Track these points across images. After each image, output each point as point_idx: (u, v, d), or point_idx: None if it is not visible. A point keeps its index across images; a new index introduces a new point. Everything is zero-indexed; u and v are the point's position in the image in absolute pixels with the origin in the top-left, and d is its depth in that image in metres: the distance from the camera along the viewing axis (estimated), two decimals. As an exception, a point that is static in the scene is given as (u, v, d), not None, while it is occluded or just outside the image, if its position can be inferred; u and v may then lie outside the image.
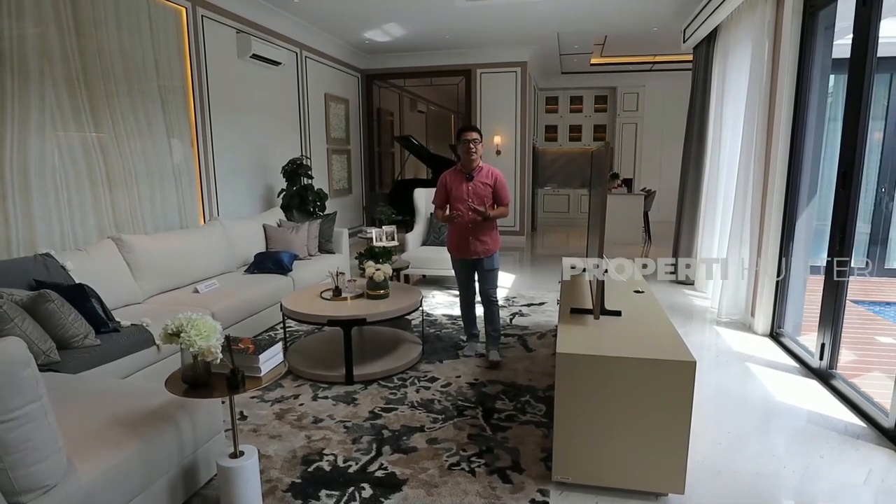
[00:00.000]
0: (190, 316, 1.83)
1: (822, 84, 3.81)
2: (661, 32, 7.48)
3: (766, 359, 3.67)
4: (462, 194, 3.52)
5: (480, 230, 3.54)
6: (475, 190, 3.52)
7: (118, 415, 2.00)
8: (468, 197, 3.50)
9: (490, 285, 3.66)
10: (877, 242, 5.94)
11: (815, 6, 3.71)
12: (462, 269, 3.71)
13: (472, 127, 3.56)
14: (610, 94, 11.21)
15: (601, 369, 2.12)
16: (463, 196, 3.51)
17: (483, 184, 3.53)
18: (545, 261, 7.30)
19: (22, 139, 3.42)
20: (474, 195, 3.50)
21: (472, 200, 3.48)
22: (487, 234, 3.57)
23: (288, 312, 3.39)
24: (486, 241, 3.56)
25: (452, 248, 3.68)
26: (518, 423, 2.79)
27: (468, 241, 3.56)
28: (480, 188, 3.52)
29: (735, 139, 4.67)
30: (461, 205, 3.50)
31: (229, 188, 5.49)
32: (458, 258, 3.67)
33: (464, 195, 3.51)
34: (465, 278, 3.73)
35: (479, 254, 3.57)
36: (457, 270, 3.76)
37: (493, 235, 3.61)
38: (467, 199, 3.49)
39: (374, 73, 8.91)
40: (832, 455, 2.48)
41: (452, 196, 3.56)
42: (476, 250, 3.56)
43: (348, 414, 2.89)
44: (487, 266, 3.61)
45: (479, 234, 3.54)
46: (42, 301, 2.58)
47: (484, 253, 3.57)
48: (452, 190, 3.56)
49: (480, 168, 3.56)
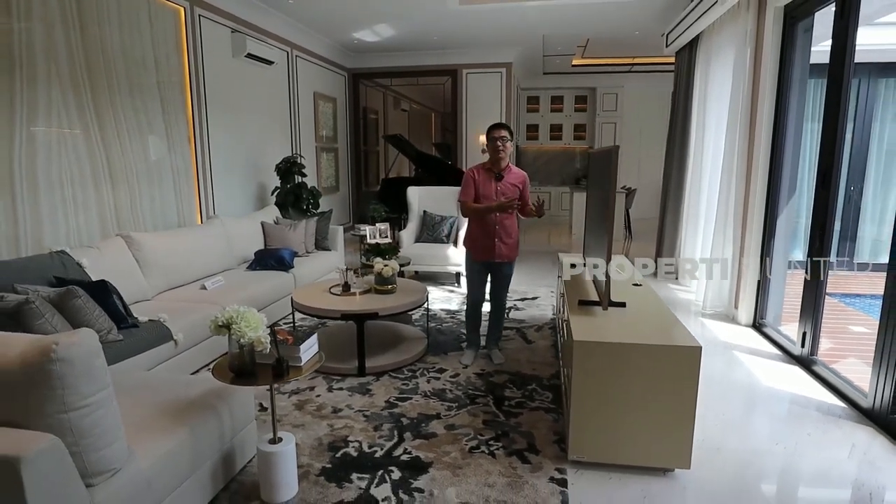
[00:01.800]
0: (239, 309, 1.94)
1: (800, 89, 4.06)
2: (641, 36, 7.74)
3: (751, 347, 3.92)
4: (491, 193, 3.40)
5: (507, 232, 3.45)
6: (503, 190, 3.39)
7: (162, 404, 2.09)
8: (497, 197, 3.38)
9: (505, 290, 3.65)
10: (846, 238, 6.29)
11: (795, 18, 3.95)
12: (480, 272, 3.57)
13: (502, 124, 3.39)
14: (590, 95, 11.49)
15: (614, 355, 2.30)
16: (492, 195, 3.39)
17: (512, 185, 3.41)
18: (531, 257, 7.49)
19: (30, 138, 3.44)
20: (503, 196, 3.37)
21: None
22: (514, 236, 3.49)
23: (300, 307, 3.49)
24: (510, 244, 3.47)
25: (476, 249, 3.52)
26: (528, 409, 2.95)
27: (493, 242, 3.43)
28: (510, 189, 3.40)
29: (718, 141, 4.92)
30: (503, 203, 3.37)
31: (224, 186, 5.53)
32: (479, 260, 3.52)
33: (492, 195, 3.39)
34: (480, 281, 3.60)
35: (504, 257, 3.47)
36: (474, 272, 3.59)
37: (517, 240, 3.54)
38: (496, 199, 3.37)
39: (360, 72, 8.98)
40: (818, 433, 2.71)
41: (481, 194, 3.42)
42: (501, 253, 3.45)
43: (365, 404, 3.01)
44: (507, 271, 3.55)
45: (505, 237, 3.44)
46: (70, 297, 2.64)
47: (508, 257, 3.48)
48: (481, 188, 3.42)
49: (510, 168, 3.44)
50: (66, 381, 1.51)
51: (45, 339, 1.52)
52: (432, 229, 5.97)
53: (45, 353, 1.48)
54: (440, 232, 5.93)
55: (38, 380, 1.48)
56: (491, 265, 3.52)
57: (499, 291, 3.63)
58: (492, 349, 3.70)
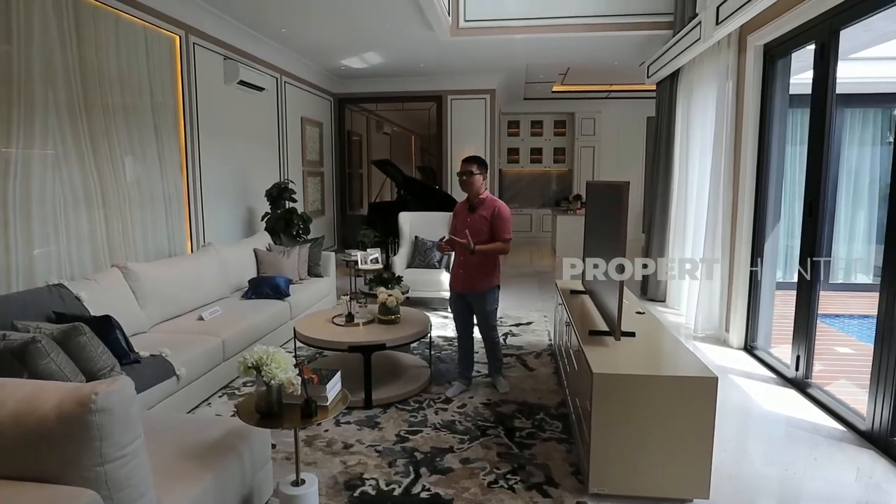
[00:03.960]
0: (268, 349, 1.91)
1: (781, 119, 4.24)
2: (620, 65, 7.98)
3: (746, 370, 4.02)
4: (460, 226, 3.47)
5: (471, 264, 3.47)
6: (473, 223, 3.44)
7: (184, 447, 2.03)
8: (463, 229, 3.41)
9: (485, 325, 3.59)
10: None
11: (774, 56, 4.14)
12: (455, 301, 3.67)
13: (470, 158, 3.49)
14: (568, 119, 11.75)
15: (633, 387, 2.33)
16: (458, 228, 3.47)
17: (481, 217, 3.43)
18: (518, 280, 7.55)
19: (25, 165, 3.36)
20: (470, 228, 3.40)
21: (469, 233, 3.37)
22: (478, 268, 3.46)
23: (304, 339, 3.45)
24: (474, 275, 3.48)
25: (451, 278, 3.69)
26: (540, 440, 2.96)
27: (458, 272, 3.57)
28: (478, 221, 3.43)
29: (703, 168, 5.09)
30: (456, 236, 3.42)
31: (214, 211, 5.45)
32: (451, 288, 3.68)
33: (461, 227, 3.44)
34: (458, 312, 3.67)
35: (467, 288, 3.53)
36: (451, 301, 3.74)
37: (484, 271, 3.47)
38: (463, 230, 3.40)
39: (346, 97, 9.02)
40: (823, 457, 2.78)
41: (454, 226, 3.56)
42: (463, 283, 3.54)
43: (376, 438, 2.98)
44: (478, 304, 3.53)
45: (469, 268, 3.49)
46: (76, 334, 2.55)
47: (471, 288, 3.50)
48: (458, 221, 3.55)
49: (482, 200, 3.47)
50: (104, 432, 1.46)
51: (83, 389, 1.47)
52: (424, 255, 5.99)
53: (83, 404, 1.43)
54: (432, 257, 5.95)
55: (76, 432, 1.43)
56: (463, 296, 3.59)
57: (479, 326, 3.62)
58: (494, 377, 3.72)
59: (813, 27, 3.48)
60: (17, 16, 3.26)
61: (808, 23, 3.49)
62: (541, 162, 12.07)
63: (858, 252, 6.52)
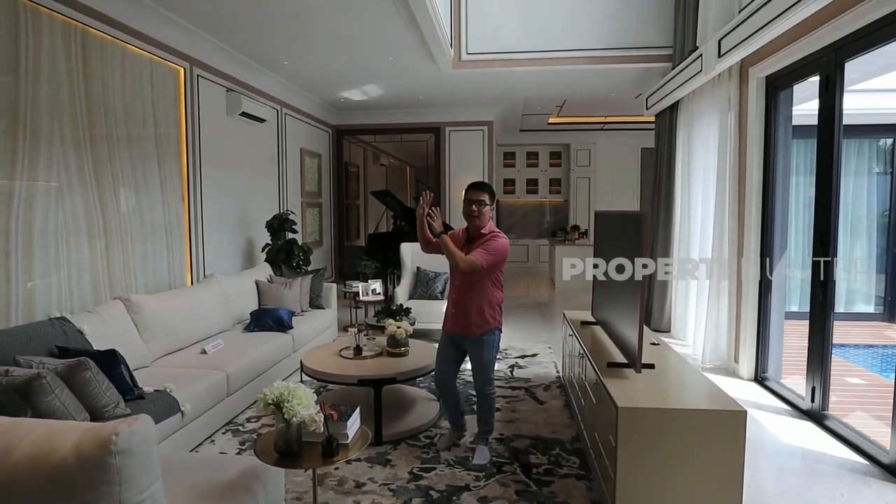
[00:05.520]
0: (288, 385, 1.84)
1: (785, 150, 4.28)
2: (616, 97, 8.12)
3: (758, 402, 3.95)
4: None
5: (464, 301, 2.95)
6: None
7: (196, 489, 1.94)
8: None
9: (480, 377, 3.04)
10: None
11: (777, 87, 4.22)
12: (445, 343, 3.12)
13: (478, 184, 3.00)
14: (564, 150, 11.89)
15: (661, 421, 2.27)
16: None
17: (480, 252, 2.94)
18: (518, 311, 7.50)
19: (29, 196, 3.30)
20: None
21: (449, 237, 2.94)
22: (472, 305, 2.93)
23: (311, 372, 3.36)
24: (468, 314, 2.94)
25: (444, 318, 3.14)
26: (558, 476, 2.87)
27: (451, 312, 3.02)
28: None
29: (707, 200, 5.12)
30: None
31: (214, 242, 5.39)
32: (445, 331, 3.12)
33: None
34: (443, 352, 3.13)
35: (460, 330, 3.00)
36: (441, 341, 3.17)
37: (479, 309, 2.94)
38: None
39: (345, 128, 9.08)
40: (850, 493, 2.71)
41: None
42: (457, 324, 3.00)
43: (389, 476, 2.87)
44: (474, 352, 3.00)
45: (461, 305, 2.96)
46: (81, 369, 2.46)
47: (464, 330, 2.98)
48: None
49: (483, 234, 2.97)
50: (123, 476, 1.37)
51: (103, 429, 1.39)
52: (426, 286, 5.93)
53: (103, 446, 1.35)
54: (434, 289, 5.89)
55: (95, 475, 1.35)
56: (455, 339, 3.08)
57: (474, 377, 3.10)
58: (477, 443, 3.13)
59: (817, 59, 3.55)
60: (26, 48, 3.25)
61: (813, 55, 3.56)
62: (537, 193, 12.16)
63: (859, 282, 6.55)
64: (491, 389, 3.08)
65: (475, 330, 2.97)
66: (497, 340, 3.05)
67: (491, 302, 2.97)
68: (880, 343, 5.82)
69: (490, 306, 2.97)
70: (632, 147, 11.04)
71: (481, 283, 2.94)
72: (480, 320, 2.96)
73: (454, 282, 3.03)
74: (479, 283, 2.94)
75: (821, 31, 3.38)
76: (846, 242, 6.83)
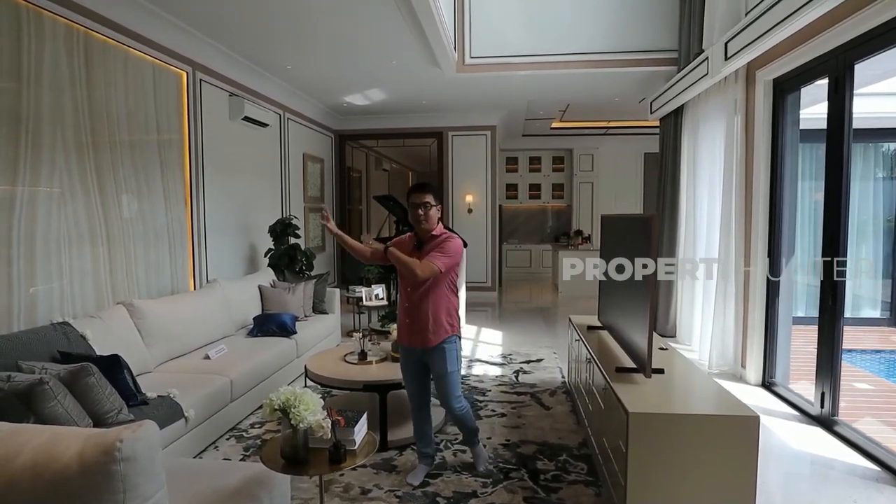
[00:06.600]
0: (294, 390, 1.81)
1: (792, 153, 4.26)
2: (620, 101, 8.10)
3: (767, 408, 3.91)
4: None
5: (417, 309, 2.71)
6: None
7: (200, 496, 1.90)
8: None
9: (443, 393, 2.79)
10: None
11: (784, 91, 4.19)
12: (404, 361, 2.89)
13: (422, 186, 2.75)
14: (566, 155, 11.87)
15: (672, 426, 2.23)
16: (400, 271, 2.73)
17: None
18: (522, 316, 7.46)
19: (31, 202, 3.28)
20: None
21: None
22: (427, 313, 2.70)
23: (315, 377, 3.33)
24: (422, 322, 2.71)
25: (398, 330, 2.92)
26: (566, 483, 2.83)
27: (405, 322, 2.79)
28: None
29: (713, 204, 5.08)
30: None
31: (216, 247, 5.36)
32: (401, 344, 2.89)
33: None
34: (409, 375, 2.88)
35: (418, 342, 2.75)
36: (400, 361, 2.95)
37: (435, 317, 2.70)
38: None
39: (347, 133, 9.08)
40: (863, 499, 2.67)
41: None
42: (413, 335, 2.76)
43: (395, 482, 2.83)
44: (435, 364, 2.75)
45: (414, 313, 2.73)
46: (84, 375, 2.43)
47: (421, 341, 2.73)
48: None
49: (434, 237, 2.75)
50: (128, 483, 1.35)
51: (107, 436, 1.36)
52: (430, 290, 5.89)
53: (108, 453, 1.32)
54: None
55: (99, 483, 1.32)
56: (413, 352, 2.81)
57: (437, 391, 2.84)
58: (471, 449, 3.04)
59: (826, 61, 3.52)
60: (28, 53, 3.23)
61: (821, 57, 3.54)
62: (539, 197, 12.14)
63: (865, 286, 6.50)
64: (459, 404, 2.83)
65: (433, 339, 2.72)
66: (458, 349, 2.81)
67: (448, 309, 2.76)
68: (887, 348, 5.78)
69: (447, 313, 2.75)
70: (635, 152, 11.03)
71: (437, 289, 2.72)
72: (438, 329, 2.72)
73: (405, 289, 2.76)
74: (434, 289, 2.71)
75: (830, 33, 3.36)
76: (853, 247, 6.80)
